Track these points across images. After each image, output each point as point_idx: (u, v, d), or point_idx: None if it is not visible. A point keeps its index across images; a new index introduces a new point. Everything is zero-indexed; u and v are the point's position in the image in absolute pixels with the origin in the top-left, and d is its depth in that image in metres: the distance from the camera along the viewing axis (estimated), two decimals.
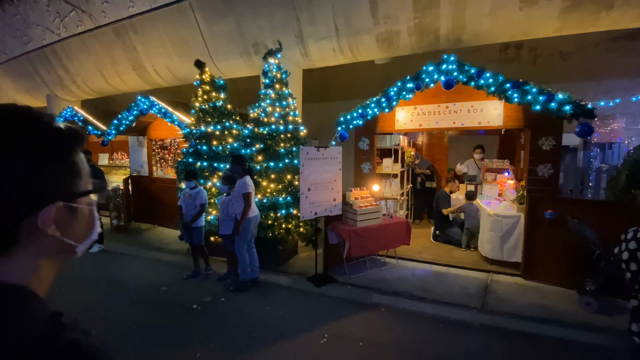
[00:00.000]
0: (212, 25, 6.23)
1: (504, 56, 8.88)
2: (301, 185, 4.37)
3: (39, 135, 0.53)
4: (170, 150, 9.55)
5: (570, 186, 7.60)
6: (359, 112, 4.64)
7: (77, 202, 0.57)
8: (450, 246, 6.08)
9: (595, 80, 8.29)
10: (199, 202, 4.78)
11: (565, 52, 8.70)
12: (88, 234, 0.62)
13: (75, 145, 0.58)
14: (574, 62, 8.60)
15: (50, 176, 0.52)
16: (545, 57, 8.70)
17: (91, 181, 0.61)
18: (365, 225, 4.74)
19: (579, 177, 7.54)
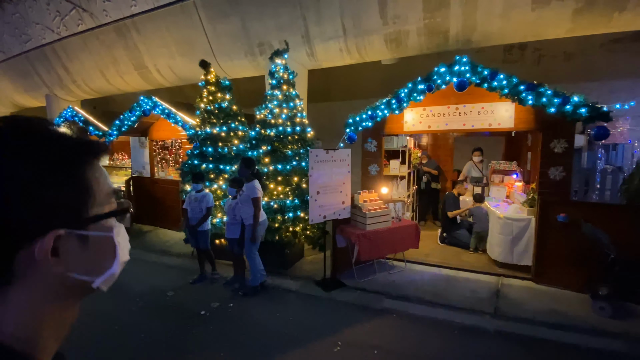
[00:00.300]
0: (217, 24, 6.13)
1: (508, 57, 8.82)
2: (310, 188, 4.30)
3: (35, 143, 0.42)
4: (171, 150, 9.44)
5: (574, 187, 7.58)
6: (369, 113, 4.57)
7: (89, 229, 0.46)
8: (458, 249, 6.02)
9: (598, 81, 8.27)
10: (205, 206, 4.69)
11: (568, 52, 8.66)
12: (107, 266, 0.50)
13: (87, 157, 0.47)
14: (577, 63, 8.56)
15: (49, 195, 0.42)
16: (549, 58, 8.66)
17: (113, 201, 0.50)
18: (375, 229, 4.67)
19: (583, 178, 7.51)
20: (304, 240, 5.34)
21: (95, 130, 7.54)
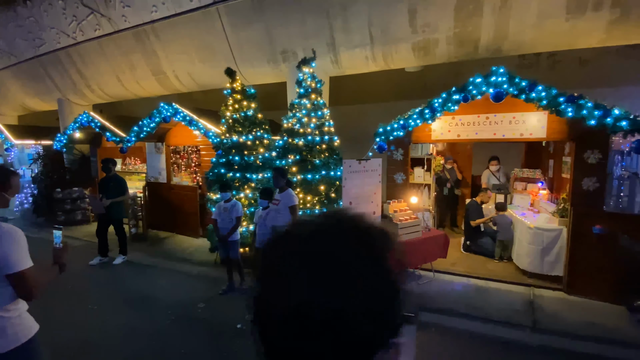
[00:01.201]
0: (240, 31, 6.09)
1: (523, 62, 8.82)
2: (343, 199, 4.26)
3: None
4: (183, 155, 9.39)
5: None
6: (400, 123, 4.54)
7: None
8: (483, 257, 5.99)
9: (613, 86, 8.27)
10: (234, 215, 4.64)
11: (584, 58, 8.66)
12: None
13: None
14: (592, 69, 8.57)
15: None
16: (564, 63, 8.66)
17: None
18: (406, 240, 4.64)
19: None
20: None
21: (112, 137, 7.48)
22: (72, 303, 4.45)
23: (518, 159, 7.95)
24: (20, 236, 1.72)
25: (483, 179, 7.02)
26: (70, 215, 8.74)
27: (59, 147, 8.49)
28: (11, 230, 1.67)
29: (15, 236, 1.68)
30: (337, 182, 4.98)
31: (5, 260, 1.61)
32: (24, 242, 1.73)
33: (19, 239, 1.70)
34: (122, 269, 5.71)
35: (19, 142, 9.82)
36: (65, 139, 8.28)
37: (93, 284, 5.20)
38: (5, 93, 10.98)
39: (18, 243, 1.69)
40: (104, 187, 5.67)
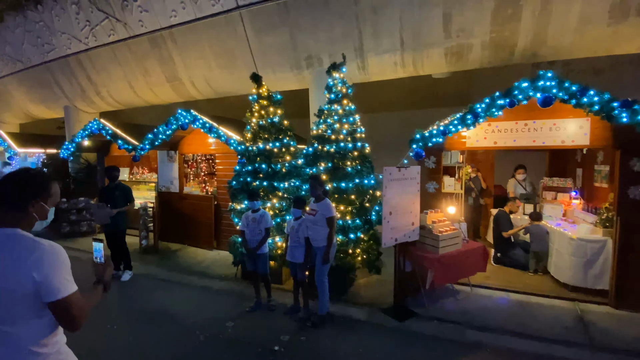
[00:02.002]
0: (263, 37, 5.93)
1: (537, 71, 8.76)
2: (383, 209, 4.02)
3: None
4: (192, 164, 9.12)
5: None
6: (440, 129, 4.35)
7: None
8: (516, 270, 5.74)
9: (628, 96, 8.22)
10: (264, 227, 4.36)
11: (598, 68, 8.65)
12: None
13: None
14: (606, 78, 8.56)
15: None
16: (577, 73, 8.64)
17: None
18: (447, 252, 4.39)
19: None
20: (359, 262, 5.01)
21: (124, 144, 7.20)
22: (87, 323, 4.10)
23: (541, 168, 7.81)
24: (64, 256, 1.43)
25: (509, 188, 6.84)
26: (75, 227, 8.35)
27: (65, 156, 8.17)
28: (53, 248, 1.39)
29: (60, 256, 1.40)
30: (371, 191, 4.75)
31: (48, 285, 1.33)
32: (68, 262, 1.45)
33: (63, 259, 1.41)
34: (137, 284, 5.35)
35: (22, 151, 9.48)
36: (73, 147, 7.97)
37: (108, 300, 4.83)
38: (8, 100, 10.69)
39: (62, 264, 1.41)
40: (109, 196, 5.33)
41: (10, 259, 1.34)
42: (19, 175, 1.49)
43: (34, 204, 1.46)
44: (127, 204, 5.33)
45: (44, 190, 1.51)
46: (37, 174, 1.53)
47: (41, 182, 1.52)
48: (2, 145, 9.47)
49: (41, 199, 1.49)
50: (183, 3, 6.01)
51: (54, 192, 1.57)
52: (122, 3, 6.50)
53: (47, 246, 1.38)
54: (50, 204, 1.56)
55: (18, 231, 1.41)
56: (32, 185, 1.48)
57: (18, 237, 1.38)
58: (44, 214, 1.53)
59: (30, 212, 1.46)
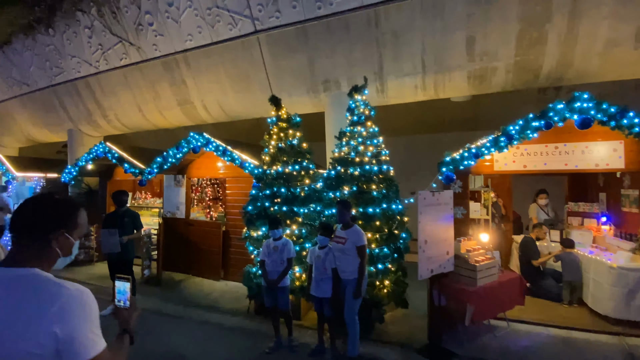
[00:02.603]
0: (280, 60, 5.88)
1: (543, 97, 8.85)
2: (419, 236, 3.72)
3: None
4: (196, 189, 8.81)
5: None
6: (472, 151, 4.17)
7: None
8: (548, 301, 5.37)
9: None
10: (286, 256, 4.01)
11: (603, 94, 8.69)
12: None
13: None
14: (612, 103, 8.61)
15: None
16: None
17: None
18: (485, 284, 4.05)
19: None
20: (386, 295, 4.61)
21: (130, 168, 6.92)
22: None
23: (557, 192, 7.63)
24: (93, 302, 1.12)
25: (531, 214, 6.60)
26: None
27: (67, 180, 7.84)
28: (81, 294, 1.06)
29: (88, 304, 1.09)
30: (398, 217, 4.47)
31: (73, 343, 1.01)
32: (97, 310, 1.12)
33: (92, 308, 1.09)
34: (142, 321, 4.83)
35: (20, 175, 9.13)
36: (76, 171, 7.67)
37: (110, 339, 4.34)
38: (9, 123, 10.48)
39: (91, 314, 1.09)
40: (117, 222, 4.94)
41: (27, 311, 1.00)
42: (40, 201, 1.20)
43: (57, 237, 1.15)
44: (135, 230, 4.96)
45: (70, 219, 1.20)
46: (62, 200, 1.23)
47: (67, 209, 1.21)
48: (0, 169, 9.13)
49: (66, 230, 1.18)
50: (200, 27, 5.99)
51: (82, 221, 1.25)
52: (137, 27, 6.49)
53: (73, 291, 1.06)
54: (77, 236, 1.23)
55: (37, 272, 1.08)
56: (57, 212, 1.18)
57: (38, 281, 1.06)
58: (69, 249, 1.21)
59: (52, 247, 1.15)
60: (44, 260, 1.14)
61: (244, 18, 5.67)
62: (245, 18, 5.65)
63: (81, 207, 1.27)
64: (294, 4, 5.26)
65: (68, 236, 1.19)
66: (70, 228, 1.20)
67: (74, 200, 1.33)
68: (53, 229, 1.15)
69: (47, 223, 1.15)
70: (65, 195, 1.36)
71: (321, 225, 3.97)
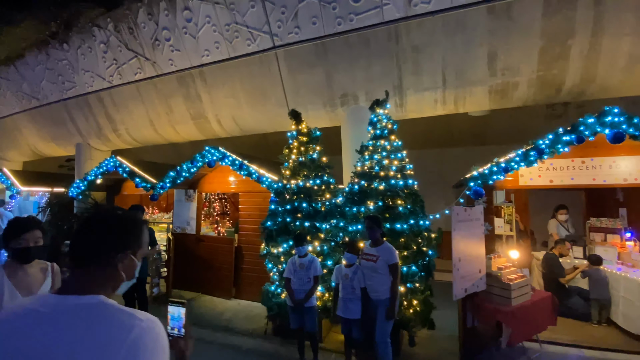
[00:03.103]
0: (297, 75, 5.89)
1: (551, 112, 8.90)
2: (453, 253, 3.59)
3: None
4: (205, 204, 8.67)
5: None
6: (502, 166, 4.09)
7: None
8: (576, 321, 5.17)
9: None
10: (313, 274, 3.85)
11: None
12: None
13: None
14: None
15: None
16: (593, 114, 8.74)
17: None
18: (520, 304, 3.88)
19: None
20: (412, 316, 4.42)
21: (142, 182, 6.79)
22: None
23: (575, 208, 7.53)
24: (165, 336, 0.98)
25: (551, 230, 6.48)
26: None
27: (75, 194, 7.69)
28: (154, 326, 0.92)
29: (162, 336, 0.94)
30: (426, 233, 4.33)
31: None
32: (167, 345, 0.99)
33: (164, 343, 0.95)
34: None
35: (25, 189, 8.97)
36: (84, 185, 7.53)
37: None
38: (16, 137, 10.39)
39: (164, 349, 0.93)
40: None
41: (96, 345, 0.85)
42: (105, 219, 1.07)
43: (123, 258, 1.03)
44: (150, 247, 4.79)
45: (135, 239, 1.08)
46: (126, 217, 1.10)
47: (133, 227, 1.09)
48: (5, 183, 8.97)
49: (132, 250, 1.06)
50: (217, 43, 6.02)
51: (145, 240, 1.13)
52: (153, 43, 6.52)
53: (145, 322, 0.92)
54: (140, 256, 1.11)
55: (103, 300, 0.94)
56: (123, 232, 1.06)
57: (106, 310, 0.92)
58: (133, 271, 1.09)
59: (119, 270, 1.02)
60: (108, 286, 1.02)
61: (262, 34, 5.70)
62: (264, 34, 5.69)
63: (145, 223, 1.16)
64: (313, 20, 5.31)
65: (133, 257, 1.07)
66: (135, 248, 1.08)
67: (137, 216, 1.20)
68: (120, 250, 1.03)
69: (114, 244, 1.03)
70: (126, 210, 1.20)
71: (348, 242, 3.83)
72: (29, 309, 0.92)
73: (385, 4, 4.82)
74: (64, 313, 0.90)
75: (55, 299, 0.94)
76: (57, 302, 0.92)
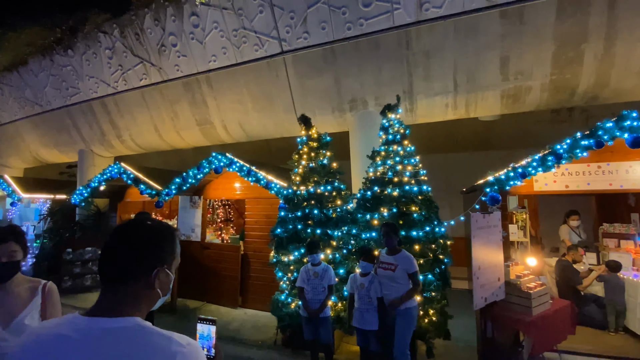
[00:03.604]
0: (306, 80, 5.83)
1: (556, 117, 8.87)
2: (473, 261, 3.49)
3: None
4: (208, 210, 8.56)
5: None
6: (519, 171, 4.01)
7: None
8: (592, 329, 5.05)
9: None
10: (327, 283, 3.74)
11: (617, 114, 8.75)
12: None
13: None
14: None
15: None
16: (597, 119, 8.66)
17: None
18: (541, 313, 3.77)
19: None
20: (429, 326, 4.29)
21: (146, 189, 6.68)
22: None
23: (587, 213, 7.44)
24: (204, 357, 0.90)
25: (562, 235, 6.38)
26: (77, 281, 7.45)
27: (77, 201, 7.56)
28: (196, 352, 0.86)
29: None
30: (441, 240, 4.23)
31: None
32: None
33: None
34: None
35: (27, 196, 8.84)
36: (87, 192, 7.41)
37: None
38: (18, 144, 10.30)
39: None
40: None
41: None
42: (136, 232, 0.96)
43: (159, 273, 0.93)
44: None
45: (170, 251, 0.99)
46: (157, 227, 1.00)
47: (165, 238, 0.99)
48: (6, 190, 8.84)
49: (167, 264, 0.97)
50: (225, 48, 5.98)
51: (179, 250, 1.04)
52: (159, 48, 6.47)
53: (186, 347, 0.83)
54: (174, 269, 1.02)
55: (139, 322, 0.84)
56: (157, 245, 0.96)
57: (142, 334, 0.82)
58: (168, 286, 0.99)
59: (155, 287, 0.92)
60: (143, 305, 0.92)
61: (270, 39, 5.66)
62: (272, 39, 5.65)
63: (175, 231, 1.06)
64: (323, 25, 5.27)
65: (168, 272, 0.97)
66: (170, 261, 0.98)
67: (168, 225, 1.09)
68: (157, 264, 0.93)
69: (151, 258, 0.93)
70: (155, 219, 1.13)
71: (362, 250, 3.72)
72: (58, 334, 0.82)
73: (396, 8, 4.79)
74: (98, 339, 0.80)
75: (86, 322, 0.84)
76: (89, 326, 0.82)
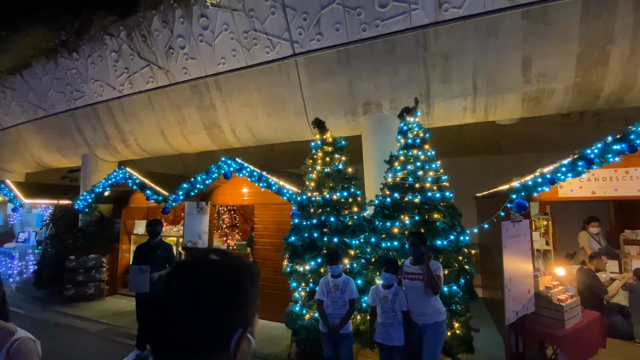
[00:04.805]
0: (318, 83, 5.68)
1: (567, 120, 8.71)
2: (505, 273, 3.30)
3: None
4: (214, 216, 8.36)
5: None
6: (547, 177, 3.84)
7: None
8: (618, 340, 4.84)
9: None
10: (348, 297, 3.53)
11: (629, 117, 8.61)
12: None
13: None
14: None
15: None
16: (608, 122, 8.56)
17: None
18: (573, 326, 3.57)
19: None
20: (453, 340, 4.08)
21: (153, 195, 6.50)
22: None
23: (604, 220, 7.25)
24: None
25: (582, 243, 6.19)
26: (80, 288, 7.24)
27: (81, 207, 7.37)
28: None
29: None
30: (466, 250, 4.05)
31: None
32: None
33: None
34: None
35: (29, 202, 8.65)
36: (91, 198, 7.23)
37: None
38: (20, 148, 10.12)
39: None
40: (148, 255, 4.49)
41: None
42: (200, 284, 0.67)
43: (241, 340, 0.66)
44: (168, 265, 4.48)
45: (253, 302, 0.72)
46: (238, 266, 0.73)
47: (243, 287, 0.70)
48: (8, 195, 8.65)
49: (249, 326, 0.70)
50: (235, 51, 5.83)
51: (259, 301, 0.75)
52: (167, 51, 6.33)
53: None
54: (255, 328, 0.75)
55: None
56: (234, 300, 0.67)
57: None
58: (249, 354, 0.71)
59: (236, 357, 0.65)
60: None
61: (282, 41, 5.52)
62: (284, 41, 5.50)
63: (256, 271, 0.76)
64: (337, 26, 5.13)
65: (250, 336, 0.70)
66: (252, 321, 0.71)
67: (245, 263, 0.75)
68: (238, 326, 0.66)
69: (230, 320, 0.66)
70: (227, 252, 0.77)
71: (387, 260, 3.53)
72: None
73: (414, 9, 4.65)
74: None
75: None
76: None
